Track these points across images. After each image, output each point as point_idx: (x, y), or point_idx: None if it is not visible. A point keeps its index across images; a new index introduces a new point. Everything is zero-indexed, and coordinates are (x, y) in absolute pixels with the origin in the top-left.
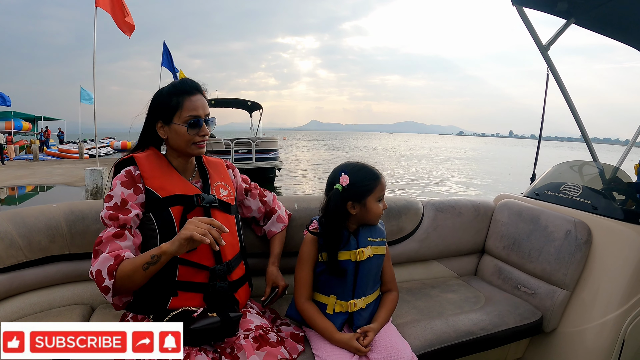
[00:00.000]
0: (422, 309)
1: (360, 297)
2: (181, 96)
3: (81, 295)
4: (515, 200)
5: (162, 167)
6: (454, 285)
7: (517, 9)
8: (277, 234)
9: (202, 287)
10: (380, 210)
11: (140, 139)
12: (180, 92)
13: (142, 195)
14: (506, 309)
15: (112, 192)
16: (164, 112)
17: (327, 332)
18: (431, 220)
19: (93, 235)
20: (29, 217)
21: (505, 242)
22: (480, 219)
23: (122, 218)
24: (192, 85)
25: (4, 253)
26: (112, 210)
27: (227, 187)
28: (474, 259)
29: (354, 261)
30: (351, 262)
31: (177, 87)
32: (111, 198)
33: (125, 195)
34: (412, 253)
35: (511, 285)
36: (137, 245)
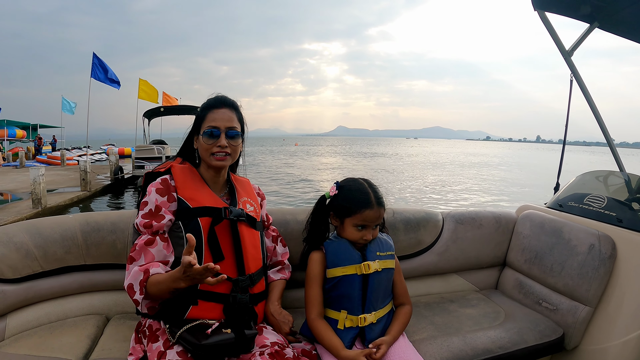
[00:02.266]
0: (440, 325)
1: (370, 311)
2: (208, 109)
3: (96, 306)
4: (537, 211)
5: (195, 180)
6: (473, 300)
7: (539, 14)
8: (275, 281)
9: (223, 297)
10: (356, 237)
11: (181, 149)
12: (208, 106)
13: (174, 204)
14: (526, 326)
15: (147, 198)
16: (195, 124)
17: (335, 350)
18: (451, 232)
19: (108, 246)
20: (45, 227)
21: (527, 255)
22: (502, 231)
23: (156, 225)
24: (218, 99)
25: (19, 263)
26: (146, 218)
27: (253, 204)
28: (495, 272)
29: (360, 275)
30: (357, 276)
31: (208, 101)
32: (146, 204)
33: (159, 202)
34: (431, 266)
35: (532, 300)
36: (167, 253)
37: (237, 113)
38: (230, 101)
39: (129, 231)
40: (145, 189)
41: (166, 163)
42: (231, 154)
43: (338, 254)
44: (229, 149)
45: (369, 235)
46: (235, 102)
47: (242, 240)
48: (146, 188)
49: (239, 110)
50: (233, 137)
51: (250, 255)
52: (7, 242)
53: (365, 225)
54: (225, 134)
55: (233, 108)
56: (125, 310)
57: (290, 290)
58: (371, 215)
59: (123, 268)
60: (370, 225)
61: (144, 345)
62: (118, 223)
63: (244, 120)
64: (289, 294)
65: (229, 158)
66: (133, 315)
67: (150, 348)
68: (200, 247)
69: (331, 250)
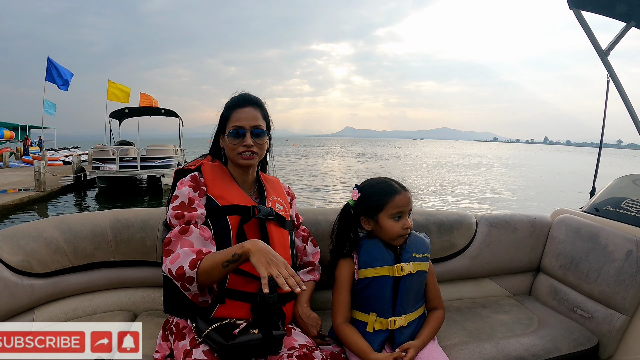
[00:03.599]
0: (472, 331)
1: (401, 314)
2: (232, 108)
3: (124, 302)
4: (573, 216)
5: (224, 178)
6: (506, 305)
7: (574, 12)
8: (305, 282)
9: (250, 297)
10: (397, 229)
11: (211, 148)
12: (232, 105)
13: (204, 199)
14: (560, 334)
15: (178, 192)
16: (221, 123)
17: (363, 353)
18: (484, 235)
19: (138, 243)
20: (75, 223)
21: (562, 261)
22: (536, 236)
23: (188, 215)
24: (242, 98)
25: (48, 258)
26: (177, 209)
27: (283, 203)
28: (529, 278)
29: (392, 277)
30: (389, 278)
31: (231, 100)
32: (177, 198)
33: (191, 195)
34: (464, 270)
35: (567, 307)
36: (204, 239)
37: (261, 110)
38: (254, 99)
39: (159, 229)
40: (175, 185)
41: (196, 161)
42: (258, 152)
43: (371, 254)
44: (255, 147)
45: (408, 222)
46: (259, 99)
47: (271, 240)
48: (176, 184)
49: (263, 108)
50: (259, 136)
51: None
52: (37, 237)
53: (400, 212)
54: (251, 133)
55: (257, 106)
56: (153, 308)
57: (319, 291)
58: (402, 199)
59: (152, 265)
60: (405, 211)
61: (170, 343)
62: (148, 220)
63: (270, 117)
64: (318, 295)
65: (255, 157)
66: (160, 313)
67: (177, 346)
68: (229, 245)
69: (364, 250)
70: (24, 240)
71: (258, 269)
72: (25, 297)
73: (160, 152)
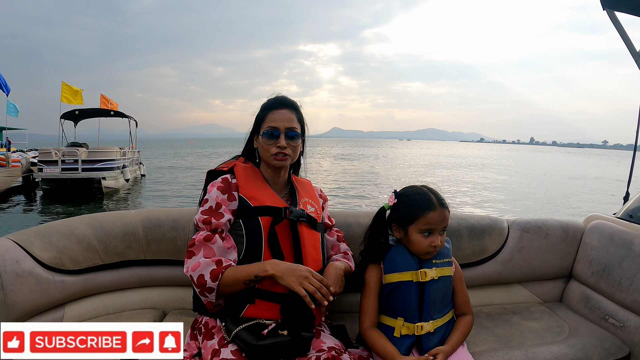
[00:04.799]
0: (501, 337)
1: (428, 320)
2: (268, 110)
3: (154, 300)
4: (607, 222)
5: (257, 179)
6: (537, 312)
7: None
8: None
9: (280, 297)
10: (424, 245)
11: (244, 149)
12: (268, 106)
13: (235, 203)
14: (591, 342)
15: (208, 195)
16: (255, 124)
17: (390, 357)
18: (516, 241)
19: (169, 242)
20: (107, 222)
21: (594, 268)
22: (569, 242)
23: (215, 223)
24: (278, 100)
25: (80, 256)
26: (206, 214)
27: (315, 205)
28: (560, 285)
29: (417, 282)
30: (413, 283)
31: (267, 102)
32: (206, 202)
33: (219, 200)
34: (494, 275)
35: (598, 315)
36: (226, 249)
37: (297, 113)
38: (290, 101)
39: (190, 228)
40: (206, 186)
41: (229, 162)
42: (290, 154)
43: (395, 259)
44: (288, 149)
45: (437, 240)
46: (295, 102)
47: (302, 241)
48: (207, 186)
49: (299, 111)
50: (292, 138)
51: (309, 256)
52: (69, 235)
53: (431, 229)
54: (285, 135)
55: (293, 108)
56: (183, 306)
57: (347, 294)
58: (435, 217)
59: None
60: (437, 229)
61: (198, 342)
62: (179, 220)
63: (304, 121)
64: (345, 298)
65: (288, 158)
66: (190, 312)
67: (205, 345)
68: (260, 246)
69: (389, 255)
70: (56, 238)
71: (294, 289)
72: (57, 293)
73: (102, 155)
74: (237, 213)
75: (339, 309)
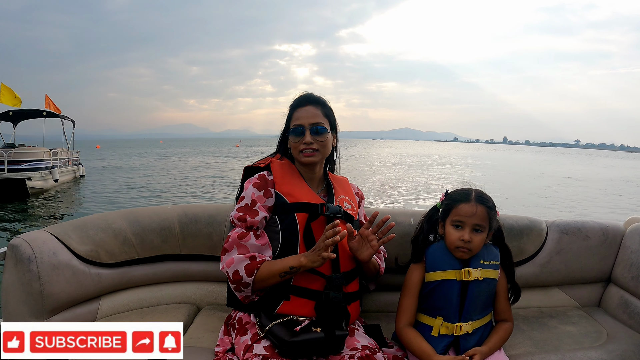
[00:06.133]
0: (538, 341)
1: (467, 320)
2: (294, 108)
3: (189, 295)
4: None
5: (293, 176)
6: (574, 317)
7: None
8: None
9: (316, 294)
10: (454, 238)
11: (279, 147)
12: (294, 105)
13: (271, 199)
14: (630, 349)
15: (245, 192)
16: (286, 123)
17: (426, 355)
18: (555, 243)
19: (205, 238)
20: (144, 217)
21: (634, 272)
22: (608, 245)
23: (250, 220)
24: (303, 98)
25: (117, 249)
26: (242, 212)
27: (351, 202)
28: (599, 289)
29: (459, 281)
30: (456, 282)
31: (294, 101)
32: (242, 199)
33: (255, 197)
34: (532, 278)
35: (637, 321)
36: (260, 246)
37: (323, 109)
38: (315, 98)
39: (226, 224)
40: (242, 183)
41: (266, 159)
42: (319, 149)
43: (438, 256)
44: (315, 144)
45: (467, 235)
46: (321, 98)
47: None
48: (244, 183)
49: (326, 106)
50: (318, 132)
51: (345, 253)
52: (106, 228)
53: (461, 222)
54: (310, 130)
55: (318, 104)
56: (217, 302)
57: (382, 293)
58: (466, 209)
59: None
60: (467, 222)
61: (232, 338)
62: (215, 216)
63: (334, 115)
64: (381, 297)
65: (317, 154)
66: (224, 307)
67: (238, 341)
68: (296, 242)
69: (431, 253)
70: (93, 231)
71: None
72: (92, 286)
73: (29, 155)
74: (274, 209)
75: (373, 308)
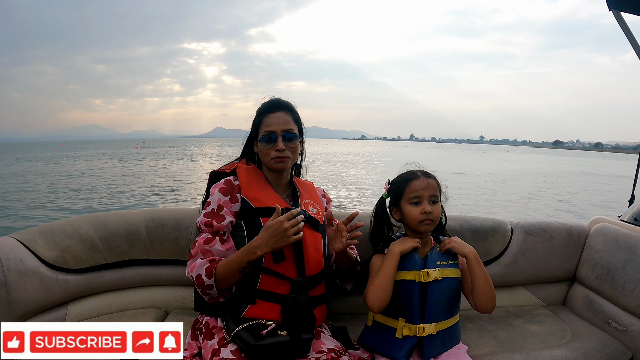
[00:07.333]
0: (503, 341)
1: (430, 322)
2: (263, 114)
3: (157, 299)
4: (612, 225)
5: (259, 181)
6: (539, 316)
7: (614, 14)
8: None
9: (281, 298)
10: (416, 214)
11: (242, 152)
12: (263, 111)
13: (237, 204)
14: (593, 347)
15: (211, 197)
16: (253, 129)
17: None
18: (520, 243)
19: (172, 242)
20: (110, 221)
21: (598, 271)
22: (573, 244)
23: (216, 225)
24: (272, 103)
25: (84, 255)
26: (208, 217)
27: (316, 206)
28: (564, 288)
29: (419, 282)
30: (416, 283)
31: (262, 106)
32: (209, 204)
33: (221, 202)
34: (497, 278)
35: (601, 319)
36: (225, 250)
37: (292, 114)
38: (285, 103)
39: (193, 228)
40: (209, 188)
41: (231, 164)
42: (290, 156)
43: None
44: (287, 151)
45: (427, 206)
46: (290, 103)
47: (304, 242)
48: (210, 188)
49: (294, 112)
50: (290, 139)
51: (311, 257)
52: (73, 234)
53: (418, 196)
54: (283, 137)
55: (288, 110)
56: (185, 306)
57: (348, 296)
58: (419, 184)
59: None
60: (424, 195)
61: (199, 342)
62: (182, 220)
63: (301, 120)
64: (347, 299)
65: (288, 160)
66: (191, 311)
67: (205, 345)
68: None
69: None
70: (60, 237)
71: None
72: (60, 292)
73: None
74: (239, 214)
75: (340, 310)
